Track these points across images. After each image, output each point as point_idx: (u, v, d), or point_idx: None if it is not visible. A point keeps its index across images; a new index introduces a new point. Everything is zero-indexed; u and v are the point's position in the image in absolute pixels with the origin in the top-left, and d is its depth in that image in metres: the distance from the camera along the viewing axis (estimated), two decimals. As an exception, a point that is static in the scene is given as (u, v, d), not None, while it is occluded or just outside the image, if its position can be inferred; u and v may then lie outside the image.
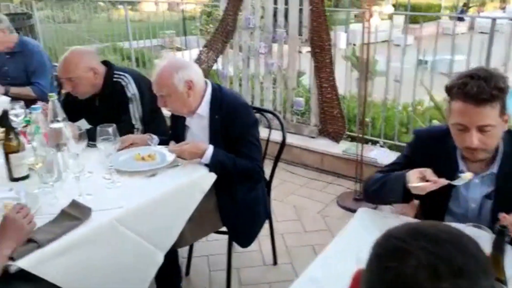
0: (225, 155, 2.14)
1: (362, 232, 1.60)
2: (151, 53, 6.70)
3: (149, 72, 6.16)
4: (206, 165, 2.11)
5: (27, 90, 3.65)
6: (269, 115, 2.65)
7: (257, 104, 4.48)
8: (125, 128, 2.40)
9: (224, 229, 2.35)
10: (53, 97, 2.17)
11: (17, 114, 2.31)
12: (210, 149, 2.11)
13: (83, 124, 2.68)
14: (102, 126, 1.98)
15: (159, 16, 6.50)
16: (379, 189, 1.72)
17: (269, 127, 2.58)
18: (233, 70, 4.77)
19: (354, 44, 5.28)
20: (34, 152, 1.90)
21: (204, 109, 2.22)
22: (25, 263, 1.48)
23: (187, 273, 2.69)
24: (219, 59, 4.72)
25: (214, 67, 4.83)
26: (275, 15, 4.25)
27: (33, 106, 2.10)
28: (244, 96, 4.36)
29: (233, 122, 2.17)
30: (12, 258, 1.47)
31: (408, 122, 4.12)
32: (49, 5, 7.52)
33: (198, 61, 4.75)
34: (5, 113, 2.00)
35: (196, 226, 2.16)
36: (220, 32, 4.57)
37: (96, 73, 2.54)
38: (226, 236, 2.36)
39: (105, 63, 2.63)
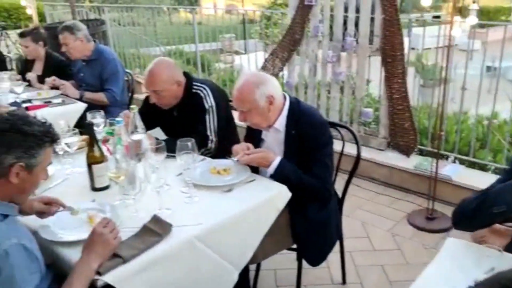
0: (291, 170, 2.12)
1: (454, 269, 1.49)
2: (212, 57, 6.72)
3: (208, 76, 6.25)
4: (270, 175, 2.12)
5: (100, 96, 3.78)
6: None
7: (322, 113, 4.40)
8: (199, 139, 2.41)
9: (294, 246, 2.31)
10: (135, 109, 2.21)
11: (98, 124, 2.37)
12: (276, 160, 2.11)
13: (158, 133, 2.72)
14: (182, 141, 1.98)
15: (218, 19, 6.47)
16: (480, 205, 1.59)
17: (343, 140, 2.50)
18: (299, 78, 4.71)
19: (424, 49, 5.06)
20: (116, 164, 1.93)
21: (281, 123, 2.19)
22: (111, 278, 1.50)
23: (254, 287, 2.66)
24: (285, 67, 4.68)
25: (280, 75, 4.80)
26: (345, 23, 4.15)
27: (116, 119, 2.14)
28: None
29: (308, 139, 2.13)
30: (99, 273, 1.49)
31: (484, 137, 3.89)
32: (116, 9, 7.74)
33: (264, 69, 4.74)
34: (91, 124, 2.05)
35: (268, 243, 2.11)
36: (287, 40, 4.53)
37: (180, 85, 2.57)
38: (293, 251, 2.32)
39: (184, 74, 2.65)
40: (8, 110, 3.14)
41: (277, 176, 2.11)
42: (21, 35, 4.21)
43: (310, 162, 2.15)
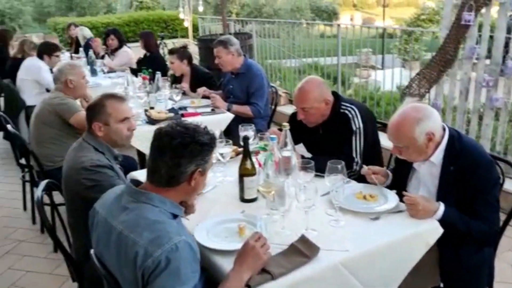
0: (457, 217, 1.97)
1: None
2: (348, 71, 6.60)
3: (346, 90, 6.15)
4: None
5: (246, 109, 3.96)
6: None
7: (471, 141, 4.07)
8: (345, 160, 2.39)
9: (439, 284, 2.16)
10: (286, 127, 2.26)
11: (248, 137, 2.47)
12: (441, 209, 1.96)
13: (302, 150, 2.76)
14: (332, 162, 1.98)
15: (355, 33, 6.28)
16: None
17: (502, 175, 2.27)
18: (448, 101, 4.42)
19: None
20: (266, 179, 1.99)
21: (437, 156, 2.06)
22: (259, 292, 1.54)
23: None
24: (432, 89, 4.43)
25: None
26: (506, 45, 3.80)
27: (271, 136, 2.22)
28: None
29: (472, 177, 1.97)
30: (248, 286, 1.54)
31: None
32: (258, 22, 8.02)
33: (408, 89, 4.55)
34: (247, 139, 2.15)
35: (413, 278, 2.00)
36: (437, 60, 4.29)
37: (328, 104, 2.58)
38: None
39: (333, 93, 2.66)
40: (167, 116, 3.48)
41: (444, 225, 1.94)
42: (170, 52, 4.63)
43: (475, 204, 1.99)
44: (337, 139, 2.55)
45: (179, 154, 1.57)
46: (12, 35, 7.33)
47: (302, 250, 1.70)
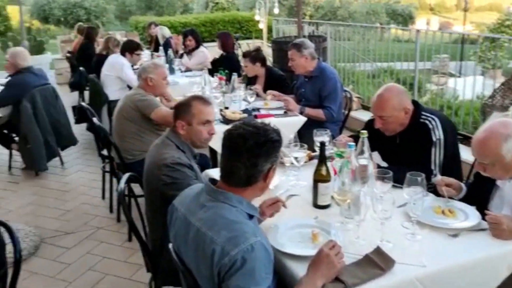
0: None
1: None
2: (423, 77, 6.35)
3: (420, 97, 5.91)
4: None
5: (319, 113, 3.94)
6: None
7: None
8: (422, 171, 2.31)
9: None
10: (364, 134, 2.23)
11: (325, 142, 2.46)
12: None
13: (376, 158, 2.70)
14: (412, 174, 1.93)
15: (429, 37, 6.03)
16: None
17: None
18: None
19: None
20: (341, 186, 1.97)
21: None
22: (331, 301, 1.54)
23: None
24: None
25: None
26: None
27: (349, 143, 2.20)
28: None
29: None
30: (321, 293, 1.55)
31: None
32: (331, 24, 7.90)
33: (491, 99, 4.33)
34: (323, 144, 2.15)
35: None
36: (526, 71, 4.04)
37: (407, 113, 2.51)
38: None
39: (413, 102, 2.58)
40: (240, 116, 3.55)
41: None
42: (243, 55, 4.70)
43: None
44: (415, 150, 2.47)
45: (255, 154, 1.61)
46: (98, 32, 7.80)
47: (377, 262, 1.67)
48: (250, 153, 1.60)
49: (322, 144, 2.15)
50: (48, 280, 3.10)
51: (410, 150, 2.49)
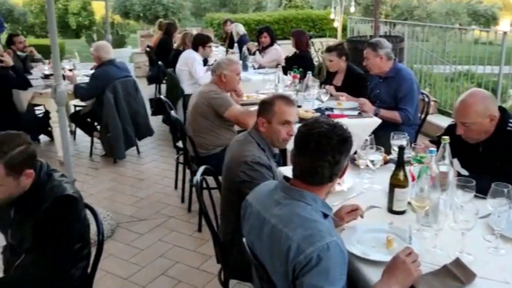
0: None
1: None
2: (506, 82, 5.97)
3: (502, 103, 5.56)
4: None
5: (395, 115, 3.82)
6: None
7: None
8: (508, 183, 2.19)
9: None
10: (446, 140, 2.15)
11: (404, 147, 2.39)
12: None
13: (456, 165, 2.59)
14: (498, 185, 1.83)
15: None
16: None
17: None
18: None
19: None
20: (419, 193, 1.91)
21: None
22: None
23: None
24: None
25: None
26: None
27: (430, 148, 2.13)
28: None
29: None
30: (396, 301, 1.51)
31: None
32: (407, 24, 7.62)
33: None
34: (402, 148, 2.09)
35: None
36: None
37: (493, 120, 2.37)
38: None
39: (500, 108, 2.44)
40: (313, 115, 3.53)
41: None
42: (328, 50, 4.63)
43: None
44: (500, 159, 2.33)
45: (340, 152, 1.62)
46: (176, 28, 8.07)
47: (456, 274, 1.60)
48: (335, 151, 1.60)
49: (401, 148, 2.10)
50: (123, 263, 3.27)
51: (495, 159, 2.35)
